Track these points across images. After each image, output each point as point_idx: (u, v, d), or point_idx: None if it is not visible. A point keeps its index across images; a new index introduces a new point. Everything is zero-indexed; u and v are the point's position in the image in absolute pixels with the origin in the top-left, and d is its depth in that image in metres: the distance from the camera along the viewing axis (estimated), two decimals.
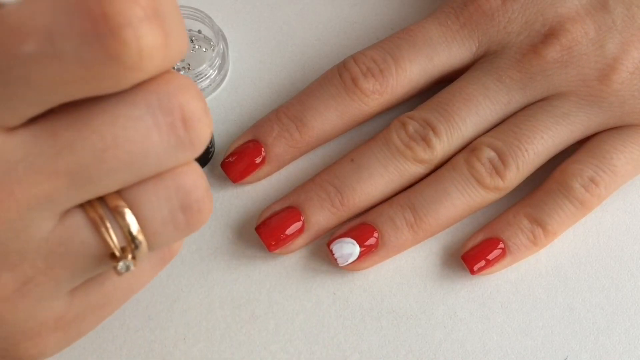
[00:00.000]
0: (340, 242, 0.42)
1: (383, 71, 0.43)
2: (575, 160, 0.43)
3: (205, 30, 0.48)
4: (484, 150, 0.42)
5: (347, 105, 0.43)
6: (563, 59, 0.42)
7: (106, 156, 0.25)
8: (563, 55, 0.42)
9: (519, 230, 0.42)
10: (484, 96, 0.43)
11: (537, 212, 0.42)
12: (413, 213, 0.42)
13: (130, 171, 0.26)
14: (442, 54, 0.44)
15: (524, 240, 0.42)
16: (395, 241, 0.42)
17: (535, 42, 0.43)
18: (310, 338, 0.42)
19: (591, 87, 0.42)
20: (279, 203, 0.43)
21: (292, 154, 0.44)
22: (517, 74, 0.43)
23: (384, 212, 0.42)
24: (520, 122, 0.42)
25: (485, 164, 0.42)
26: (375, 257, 0.42)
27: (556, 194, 0.42)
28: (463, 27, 0.44)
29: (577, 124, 0.42)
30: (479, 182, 0.42)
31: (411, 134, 0.42)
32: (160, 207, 0.27)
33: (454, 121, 0.42)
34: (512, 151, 0.42)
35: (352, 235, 0.42)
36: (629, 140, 0.43)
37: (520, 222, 0.42)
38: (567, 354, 0.41)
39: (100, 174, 0.26)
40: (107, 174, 0.26)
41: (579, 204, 0.42)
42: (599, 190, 0.42)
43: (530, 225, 0.42)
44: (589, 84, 0.42)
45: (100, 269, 0.29)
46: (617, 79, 0.42)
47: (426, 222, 0.42)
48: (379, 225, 0.42)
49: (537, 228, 0.42)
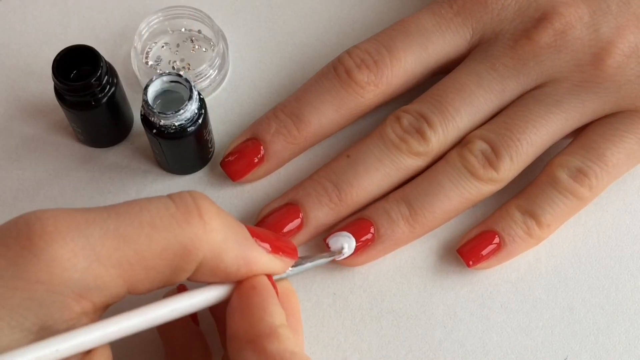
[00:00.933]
0: (337, 235, 0.42)
1: (377, 62, 0.43)
2: (566, 152, 0.43)
3: (205, 30, 0.48)
4: (476, 143, 0.42)
5: (342, 99, 0.43)
6: (556, 44, 0.42)
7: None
8: (556, 40, 0.42)
9: (512, 222, 0.42)
10: (478, 85, 0.42)
11: (527, 203, 0.42)
12: (408, 206, 0.42)
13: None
14: (437, 42, 0.43)
15: (518, 231, 0.42)
16: (392, 235, 0.42)
17: (529, 27, 0.42)
18: (310, 338, 0.42)
19: (585, 72, 0.42)
20: (278, 200, 0.43)
21: (290, 151, 0.44)
22: (511, 60, 0.42)
23: (379, 206, 0.42)
24: (512, 113, 0.42)
25: (477, 156, 0.42)
26: (372, 251, 0.42)
27: (545, 186, 0.42)
28: (457, 15, 0.44)
29: (572, 111, 0.42)
30: (472, 174, 0.42)
31: (405, 127, 0.42)
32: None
33: (447, 112, 0.42)
34: (505, 142, 0.42)
35: (349, 230, 0.42)
36: (622, 129, 0.42)
37: (512, 214, 0.42)
38: (567, 354, 0.41)
39: None
40: None
41: (570, 194, 0.42)
42: (589, 180, 0.42)
43: (522, 216, 0.42)
44: (583, 69, 0.42)
45: None
46: (613, 63, 0.42)
47: (421, 215, 0.42)
48: (375, 219, 0.42)
49: (530, 219, 0.42)
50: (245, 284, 0.34)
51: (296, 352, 0.32)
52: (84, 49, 0.41)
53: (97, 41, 0.48)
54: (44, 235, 0.30)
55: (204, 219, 0.32)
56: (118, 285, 0.31)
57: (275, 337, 0.33)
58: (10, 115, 0.46)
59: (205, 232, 0.32)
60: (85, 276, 0.30)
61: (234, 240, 0.33)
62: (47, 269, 0.29)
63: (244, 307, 0.34)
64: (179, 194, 0.33)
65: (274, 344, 0.32)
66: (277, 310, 0.34)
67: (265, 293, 0.34)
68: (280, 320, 0.34)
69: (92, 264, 0.30)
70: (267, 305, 0.34)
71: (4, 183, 0.45)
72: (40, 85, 0.47)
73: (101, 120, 0.43)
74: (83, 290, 0.30)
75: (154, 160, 0.45)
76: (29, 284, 0.29)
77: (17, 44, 0.48)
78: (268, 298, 0.34)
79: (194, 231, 0.32)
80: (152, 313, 0.33)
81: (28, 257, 0.29)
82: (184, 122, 0.40)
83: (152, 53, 0.47)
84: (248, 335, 0.33)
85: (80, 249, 0.30)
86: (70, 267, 0.30)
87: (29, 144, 0.46)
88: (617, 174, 0.43)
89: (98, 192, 0.44)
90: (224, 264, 0.33)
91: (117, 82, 0.42)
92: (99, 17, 0.49)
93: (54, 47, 0.46)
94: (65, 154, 0.45)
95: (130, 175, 0.45)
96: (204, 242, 0.32)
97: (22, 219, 0.30)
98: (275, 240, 0.36)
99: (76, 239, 0.30)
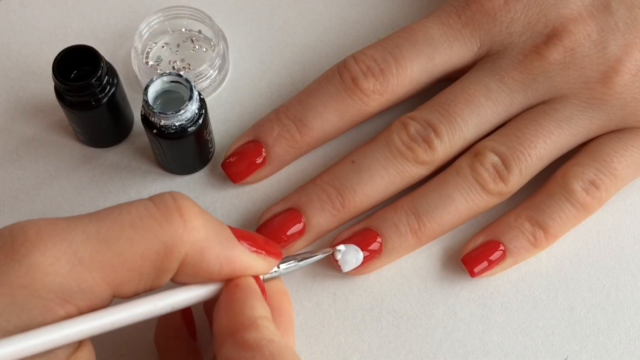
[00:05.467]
0: (344, 248, 0.42)
1: (384, 71, 0.43)
2: (577, 163, 0.43)
3: (205, 30, 0.48)
4: (487, 155, 0.42)
5: (347, 106, 0.43)
6: (565, 61, 0.42)
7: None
8: (565, 57, 0.42)
9: (520, 233, 0.42)
10: (486, 97, 0.42)
11: (538, 214, 0.42)
12: (417, 219, 0.42)
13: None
14: (444, 53, 0.43)
15: (524, 242, 0.42)
16: (399, 247, 0.42)
17: (538, 43, 0.42)
18: (310, 338, 0.42)
19: (593, 89, 0.42)
20: (280, 205, 0.43)
21: (292, 154, 0.44)
22: (520, 74, 0.42)
23: (387, 217, 0.42)
24: (522, 126, 0.42)
25: (489, 169, 0.42)
26: (377, 262, 0.42)
27: (558, 197, 0.42)
28: (465, 26, 0.43)
29: (580, 127, 0.42)
30: (483, 187, 0.42)
31: (412, 135, 0.42)
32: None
33: (455, 122, 0.42)
34: (516, 156, 0.42)
35: (356, 241, 0.42)
36: (630, 144, 0.43)
37: (522, 225, 0.42)
38: (567, 354, 0.41)
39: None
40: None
41: (580, 206, 0.42)
42: (600, 193, 0.42)
43: (532, 227, 0.42)
44: (591, 86, 0.42)
45: None
46: (620, 81, 0.42)
47: (430, 227, 0.42)
48: (383, 231, 0.42)
49: (539, 230, 0.42)
50: (230, 283, 0.35)
51: (274, 340, 0.32)
52: (84, 49, 0.41)
53: (97, 41, 0.48)
54: (26, 243, 0.30)
55: (185, 217, 0.32)
56: (102, 288, 0.31)
57: (254, 327, 0.33)
58: (10, 115, 0.46)
59: (186, 230, 0.32)
60: (68, 280, 0.30)
61: (216, 240, 0.33)
62: (29, 274, 0.30)
63: (227, 304, 0.34)
64: (159, 195, 0.33)
65: (252, 333, 0.32)
66: (259, 304, 0.34)
67: (248, 289, 0.34)
68: (260, 313, 0.34)
69: (75, 268, 0.30)
70: (247, 300, 0.34)
71: (4, 183, 0.45)
72: (40, 85, 0.47)
73: (101, 120, 0.43)
74: (67, 295, 0.30)
75: (154, 160, 0.45)
76: (12, 289, 0.29)
77: (17, 44, 0.48)
78: (250, 293, 0.34)
79: (174, 230, 0.32)
80: (136, 309, 0.33)
81: (10, 263, 0.30)
82: (185, 122, 0.40)
83: (152, 53, 0.47)
84: (229, 329, 0.33)
85: (62, 254, 0.30)
86: (52, 271, 0.30)
87: (29, 144, 0.46)
88: (622, 186, 0.43)
89: (98, 192, 0.44)
90: (205, 262, 0.33)
91: (117, 82, 0.42)
92: (99, 17, 0.49)
93: (54, 47, 0.46)
94: (65, 154, 0.45)
95: (131, 175, 0.45)
96: (185, 240, 0.32)
97: (7, 229, 0.31)
98: (258, 240, 0.36)
99: (58, 244, 0.30)
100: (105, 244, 0.31)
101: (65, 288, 0.30)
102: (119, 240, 0.31)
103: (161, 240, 0.32)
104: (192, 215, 0.33)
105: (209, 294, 0.35)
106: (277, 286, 0.38)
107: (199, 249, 0.33)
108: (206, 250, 0.33)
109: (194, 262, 0.33)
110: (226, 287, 0.35)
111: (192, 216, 0.33)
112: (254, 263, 0.35)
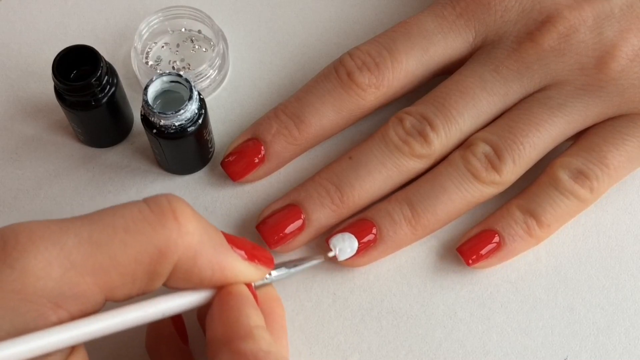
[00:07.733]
0: (339, 236, 0.42)
1: (379, 65, 0.43)
2: (567, 152, 0.43)
3: (205, 30, 0.48)
4: (479, 145, 0.42)
5: (343, 101, 0.43)
6: (560, 47, 0.42)
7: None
8: (560, 43, 0.42)
9: (512, 221, 0.42)
10: (481, 88, 0.42)
11: (528, 203, 0.42)
12: (411, 208, 0.42)
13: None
14: (439, 45, 0.43)
15: (518, 230, 0.42)
16: (394, 236, 0.42)
17: (532, 30, 0.42)
18: (310, 338, 0.42)
19: (589, 75, 0.42)
20: (279, 201, 0.43)
21: (291, 151, 0.44)
22: (514, 63, 0.42)
23: (382, 207, 0.42)
24: (515, 115, 0.42)
25: (480, 158, 0.42)
26: (374, 252, 0.42)
27: (545, 186, 0.42)
28: (459, 17, 0.43)
29: (575, 114, 0.42)
30: (475, 176, 0.42)
31: (408, 130, 0.42)
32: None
33: (451, 115, 0.42)
34: (507, 145, 0.42)
35: (351, 230, 0.42)
36: (623, 132, 0.42)
37: (513, 214, 0.42)
38: (567, 354, 0.41)
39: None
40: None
41: (570, 195, 0.42)
42: (590, 182, 0.42)
43: (523, 216, 0.42)
44: (587, 73, 0.42)
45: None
46: (616, 66, 0.42)
47: (424, 217, 0.42)
48: (377, 220, 0.42)
49: (530, 219, 0.42)
50: (223, 290, 0.34)
51: (271, 351, 0.32)
52: (84, 49, 0.41)
53: (97, 41, 0.48)
54: (18, 246, 0.30)
55: (179, 221, 0.32)
56: (94, 292, 0.31)
57: (250, 338, 0.32)
58: (10, 115, 0.46)
59: (180, 235, 0.32)
60: (60, 284, 0.30)
61: (209, 245, 0.33)
62: (21, 278, 0.29)
63: (221, 312, 0.34)
64: (154, 197, 0.33)
65: (249, 343, 0.32)
66: (254, 313, 0.34)
67: (242, 297, 0.34)
68: (255, 322, 0.33)
69: (67, 272, 0.30)
70: (242, 308, 0.34)
71: (4, 183, 0.45)
72: (40, 85, 0.47)
73: (101, 120, 0.43)
74: (59, 299, 0.30)
75: (154, 160, 0.45)
76: (3, 294, 0.29)
77: (17, 44, 0.48)
78: (244, 301, 0.34)
79: (168, 233, 0.32)
80: (128, 315, 0.32)
81: (2, 267, 0.29)
82: (184, 122, 0.40)
83: (152, 53, 0.47)
84: (224, 337, 0.33)
85: (54, 258, 0.30)
86: (44, 275, 0.30)
87: (29, 144, 0.46)
88: (618, 177, 0.43)
89: (98, 192, 0.45)
90: (197, 267, 0.33)
91: (117, 82, 0.42)
92: (99, 17, 0.49)
93: (54, 47, 0.46)
94: (65, 154, 0.45)
95: (130, 175, 0.45)
96: (178, 244, 0.32)
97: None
98: (251, 248, 0.36)
99: (50, 248, 0.30)
100: (98, 248, 0.31)
101: (58, 293, 0.30)
102: (112, 243, 0.31)
103: (155, 244, 0.31)
104: (186, 219, 0.32)
105: (200, 301, 0.34)
106: (269, 293, 0.38)
107: (192, 254, 0.32)
108: (199, 255, 0.33)
109: (186, 267, 0.33)
110: (219, 294, 0.34)
111: (187, 220, 0.32)
112: (245, 270, 0.35)
